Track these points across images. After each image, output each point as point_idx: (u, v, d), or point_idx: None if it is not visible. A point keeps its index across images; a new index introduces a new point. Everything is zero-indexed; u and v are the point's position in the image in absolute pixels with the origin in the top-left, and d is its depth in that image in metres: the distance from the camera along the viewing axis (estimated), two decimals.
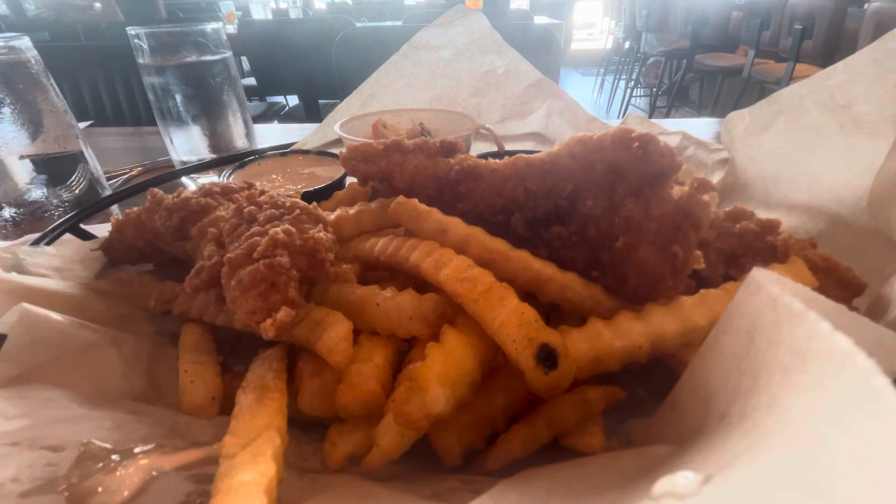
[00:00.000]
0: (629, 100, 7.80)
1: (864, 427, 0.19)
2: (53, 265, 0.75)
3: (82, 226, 0.94)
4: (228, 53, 1.36)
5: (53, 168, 1.15)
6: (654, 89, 7.32)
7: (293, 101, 4.88)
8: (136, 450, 0.41)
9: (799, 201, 0.81)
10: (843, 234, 0.74)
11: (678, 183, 0.61)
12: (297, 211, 0.64)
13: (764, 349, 0.29)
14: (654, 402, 0.52)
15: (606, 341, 0.51)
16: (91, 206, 0.94)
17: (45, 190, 1.13)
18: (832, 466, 0.19)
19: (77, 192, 1.18)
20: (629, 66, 7.91)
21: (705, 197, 0.56)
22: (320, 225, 0.63)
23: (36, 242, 0.82)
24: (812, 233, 0.78)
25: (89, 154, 1.22)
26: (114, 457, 0.40)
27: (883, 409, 0.19)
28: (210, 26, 1.31)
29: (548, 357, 0.47)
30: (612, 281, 0.60)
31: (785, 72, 4.82)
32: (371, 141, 0.80)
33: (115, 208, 1.10)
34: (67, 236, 0.89)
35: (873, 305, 0.60)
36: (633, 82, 7.73)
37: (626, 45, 8.21)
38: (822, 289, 0.59)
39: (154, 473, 0.39)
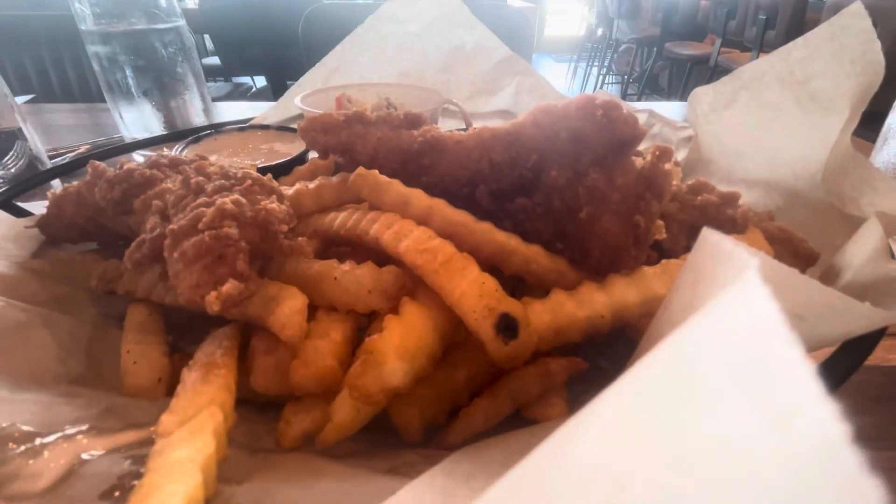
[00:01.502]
0: (601, 87, 7.86)
1: (729, 317, 0.19)
2: None
3: (20, 203, 0.87)
4: (182, 22, 1.28)
5: None
6: (626, 77, 7.40)
7: (261, 81, 4.67)
8: (66, 432, 0.38)
9: (759, 176, 0.82)
10: (799, 207, 0.76)
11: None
12: (249, 182, 0.60)
13: (703, 294, 0.29)
14: (616, 373, 0.52)
15: (569, 312, 0.50)
16: (23, 182, 0.87)
17: None
18: (695, 362, 0.19)
19: (14, 170, 1.10)
20: (602, 53, 7.95)
21: (667, 166, 0.55)
22: (274, 196, 0.60)
23: None
24: (770, 207, 0.79)
25: (28, 130, 1.13)
26: (38, 440, 0.36)
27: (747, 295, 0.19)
28: None
29: (508, 327, 0.46)
30: (577, 253, 0.59)
31: (749, 61, 4.95)
32: (332, 112, 0.76)
33: (56, 184, 1.03)
34: (1, 214, 0.82)
35: (825, 275, 0.62)
36: (605, 69, 7.79)
37: (599, 31, 8.23)
38: (777, 258, 0.60)
39: (85, 456, 0.36)
